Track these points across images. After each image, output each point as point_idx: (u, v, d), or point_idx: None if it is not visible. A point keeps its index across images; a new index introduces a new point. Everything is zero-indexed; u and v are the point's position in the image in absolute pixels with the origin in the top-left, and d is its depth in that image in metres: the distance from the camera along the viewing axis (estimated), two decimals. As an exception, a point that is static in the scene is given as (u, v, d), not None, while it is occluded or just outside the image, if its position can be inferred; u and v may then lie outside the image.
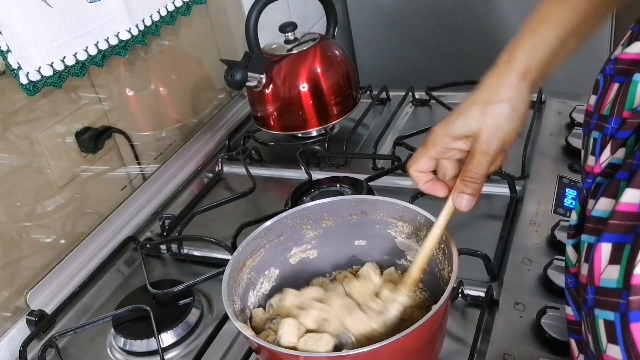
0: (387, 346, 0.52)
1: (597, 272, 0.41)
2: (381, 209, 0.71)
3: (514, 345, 0.67)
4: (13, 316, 0.84)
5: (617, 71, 0.46)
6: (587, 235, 0.44)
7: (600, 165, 0.45)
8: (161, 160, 1.13)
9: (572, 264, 0.49)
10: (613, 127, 0.45)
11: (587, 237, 0.44)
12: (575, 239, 0.49)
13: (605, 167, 0.44)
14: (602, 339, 0.40)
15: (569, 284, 0.50)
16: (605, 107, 0.47)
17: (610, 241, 0.40)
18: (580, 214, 0.48)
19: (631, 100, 0.44)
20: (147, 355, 0.77)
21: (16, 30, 0.80)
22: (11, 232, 0.85)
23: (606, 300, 0.40)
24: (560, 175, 0.94)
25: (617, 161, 0.44)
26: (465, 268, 0.63)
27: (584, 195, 0.47)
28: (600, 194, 0.43)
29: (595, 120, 0.48)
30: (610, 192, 0.42)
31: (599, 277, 0.41)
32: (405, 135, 1.07)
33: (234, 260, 0.66)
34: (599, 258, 0.41)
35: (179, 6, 1.10)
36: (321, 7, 1.16)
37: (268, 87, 1.09)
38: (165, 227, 0.98)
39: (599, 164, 0.45)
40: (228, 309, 0.60)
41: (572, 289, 0.49)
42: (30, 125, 0.87)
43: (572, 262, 0.49)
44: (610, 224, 0.40)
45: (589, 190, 0.46)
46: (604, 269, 0.40)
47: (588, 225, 0.44)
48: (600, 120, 0.47)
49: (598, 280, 0.41)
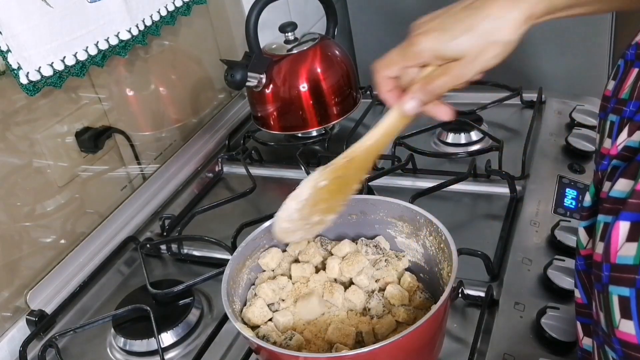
0: (387, 346, 0.52)
1: (613, 249, 0.41)
2: (381, 208, 0.71)
3: (514, 345, 0.67)
4: (13, 316, 0.84)
5: (637, 56, 0.46)
6: (604, 215, 0.44)
7: (617, 147, 0.44)
8: (161, 160, 1.13)
9: (582, 246, 0.49)
10: (632, 110, 0.45)
11: (604, 217, 0.44)
12: (587, 220, 0.48)
13: (621, 150, 0.44)
14: (616, 315, 0.40)
15: (579, 266, 0.50)
16: (624, 91, 0.46)
17: (629, 219, 0.40)
18: (594, 196, 0.47)
19: None
20: (147, 355, 0.77)
21: (16, 30, 0.80)
22: (11, 232, 0.85)
23: (621, 276, 0.40)
24: (560, 175, 0.94)
25: (634, 144, 0.43)
26: (465, 268, 0.63)
27: (599, 177, 0.46)
28: (618, 175, 0.43)
29: (612, 104, 0.47)
30: (629, 174, 0.42)
31: (615, 254, 0.41)
32: (405, 135, 1.07)
33: (234, 260, 0.66)
34: (616, 236, 0.41)
35: (179, 6, 1.10)
36: (321, 7, 1.16)
37: (268, 87, 1.09)
38: (165, 227, 0.98)
39: (615, 146, 0.45)
40: (227, 309, 0.60)
41: (581, 271, 0.49)
42: (30, 125, 0.87)
43: (583, 244, 0.49)
44: (629, 202, 0.40)
45: (604, 172, 0.46)
46: (620, 247, 0.40)
47: (605, 206, 0.44)
48: (618, 104, 0.46)
49: (614, 257, 0.41)
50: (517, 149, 0.98)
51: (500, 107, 1.13)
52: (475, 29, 0.53)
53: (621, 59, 0.49)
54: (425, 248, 0.69)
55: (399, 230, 0.71)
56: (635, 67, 0.46)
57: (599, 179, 0.46)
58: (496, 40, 0.53)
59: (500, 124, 1.12)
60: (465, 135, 1.07)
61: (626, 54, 0.48)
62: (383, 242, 0.71)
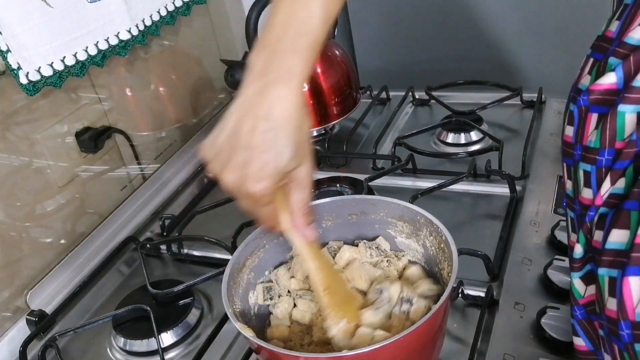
0: (387, 346, 0.52)
1: (629, 307, 0.41)
2: (381, 208, 0.71)
3: (514, 345, 0.67)
4: (13, 316, 0.84)
5: (592, 102, 0.46)
6: (606, 268, 0.43)
7: (602, 197, 0.45)
8: (161, 160, 1.13)
9: (580, 296, 0.49)
10: (607, 158, 0.45)
11: (607, 271, 0.43)
12: (581, 271, 0.49)
13: (607, 198, 0.44)
14: None
15: (578, 316, 0.49)
16: (587, 139, 0.47)
17: (638, 274, 0.40)
18: (585, 246, 0.47)
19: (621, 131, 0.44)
20: (147, 355, 0.77)
21: (16, 30, 0.80)
22: (11, 232, 0.85)
23: None
24: (560, 175, 0.94)
25: (618, 191, 0.44)
26: (465, 268, 0.63)
27: (588, 227, 0.46)
28: (608, 225, 0.44)
29: (579, 151, 0.48)
30: (621, 223, 0.42)
31: (632, 312, 0.41)
32: (405, 135, 1.07)
33: (234, 260, 0.66)
34: (628, 292, 0.41)
35: (179, 6, 1.10)
36: (321, 7, 1.16)
37: (268, 87, 1.09)
38: (165, 227, 0.98)
39: (600, 196, 0.45)
40: (228, 310, 0.60)
41: (582, 320, 0.49)
42: (30, 126, 0.87)
43: (581, 294, 0.49)
44: (634, 257, 0.40)
45: (592, 223, 0.46)
46: (637, 303, 0.40)
47: (605, 259, 0.43)
48: (586, 152, 0.47)
49: (632, 315, 0.41)
50: (517, 149, 0.98)
51: (500, 107, 1.13)
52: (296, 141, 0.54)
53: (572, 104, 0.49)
54: (426, 248, 0.69)
55: (399, 230, 0.71)
56: (592, 112, 0.46)
57: (588, 229, 0.46)
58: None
59: (500, 124, 1.12)
60: (465, 135, 1.07)
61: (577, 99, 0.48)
62: (383, 243, 0.71)
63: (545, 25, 1.48)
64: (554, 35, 1.48)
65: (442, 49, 1.63)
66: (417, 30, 1.62)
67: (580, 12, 1.44)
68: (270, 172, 0.53)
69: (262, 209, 0.58)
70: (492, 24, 1.55)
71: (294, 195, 0.58)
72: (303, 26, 0.53)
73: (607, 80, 0.45)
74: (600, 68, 0.48)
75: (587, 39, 1.47)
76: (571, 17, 1.45)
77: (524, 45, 1.53)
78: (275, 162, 0.53)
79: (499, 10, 1.51)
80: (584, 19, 1.44)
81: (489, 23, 1.55)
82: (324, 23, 0.53)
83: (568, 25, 1.46)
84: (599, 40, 0.49)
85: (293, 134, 0.53)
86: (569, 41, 1.48)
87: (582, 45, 1.73)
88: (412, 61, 1.67)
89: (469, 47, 1.60)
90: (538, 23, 1.49)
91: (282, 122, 0.53)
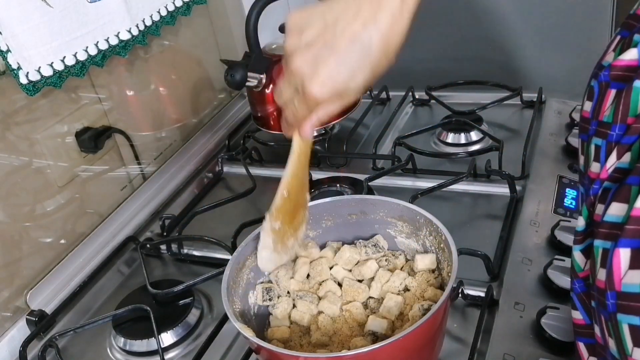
0: (387, 346, 0.52)
1: (617, 277, 0.41)
2: (381, 208, 0.71)
3: (514, 345, 0.67)
4: (13, 316, 0.84)
5: (612, 77, 0.46)
6: (601, 240, 0.44)
7: (607, 171, 0.45)
8: (161, 160, 1.13)
9: (580, 269, 0.49)
10: (618, 133, 0.45)
11: (602, 242, 0.44)
12: (582, 244, 0.49)
13: (612, 172, 0.45)
14: (628, 343, 0.41)
15: (577, 289, 0.50)
16: (603, 114, 0.47)
17: (629, 246, 0.41)
18: (588, 219, 0.48)
19: (634, 106, 0.44)
20: (147, 355, 0.77)
21: (16, 30, 0.80)
22: (11, 232, 0.85)
23: (629, 305, 0.40)
24: (560, 175, 0.94)
25: (623, 165, 0.44)
26: (465, 268, 0.63)
27: (592, 200, 0.47)
28: (610, 198, 0.44)
29: (594, 126, 0.48)
30: (621, 197, 0.43)
31: (619, 282, 0.41)
32: (405, 135, 1.07)
33: (234, 260, 0.66)
34: (617, 263, 0.41)
35: (179, 6, 1.10)
36: (321, 7, 1.16)
37: (268, 87, 1.09)
38: (165, 227, 0.98)
39: (605, 169, 0.45)
40: (228, 310, 0.60)
41: (580, 293, 0.49)
42: (30, 125, 0.87)
43: (581, 266, 0.49)
44: (627, 229, 0.41)
45: (596, 196, 0.46)
46: (624, 274, 0.41)
47: (601, 231, 0.44)
48: (600, 127, 0.47)
49: (619, 285, 0.41)
50: (517, 149, 0.98)
51: (500, 107, 1.13)
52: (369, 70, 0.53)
53: (594, 80, 0.49)
54: (425, 248, 0.69)
55: (399, 230, 0.71)
56: (612, 88, 0.46)
57: (592, 202, 0.47)
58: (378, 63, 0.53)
59: (500, 124, 1.12)
60: (465, 135, 1.07)
61: (599, 75, 0.48)
62: (382, 240, 0.71)
63: (545, 25, 1.48)
64: (554, 35, 1.48)
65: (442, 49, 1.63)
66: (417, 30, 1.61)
67: (580, 12, 1.43)
68: (336, 86, 0.53)
69: (298, 107, 0.57)
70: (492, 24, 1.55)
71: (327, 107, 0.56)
72: None
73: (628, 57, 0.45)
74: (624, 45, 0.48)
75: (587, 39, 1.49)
76: (571, 17, 1.45)
77: (524, 45, 1.52)
78: (345, 80, 0.53)
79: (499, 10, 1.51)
80: (584, 19, 1.44)
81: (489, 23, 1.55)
82: None
83: (568, 25, 1.46)
84: (628, 18, 0.49)
85: (377, 61, 0.52)
86: (569, 41, 1.47)
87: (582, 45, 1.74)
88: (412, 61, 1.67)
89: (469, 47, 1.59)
90: (538, 23, 1.49)
91: (376, 44, 0.51)
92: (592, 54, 1.58)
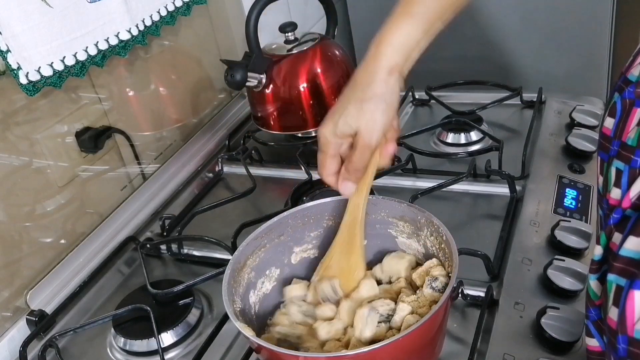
0: (387, 346, 0.52)
1: (629, 321, 0.39)
2: (382, 208, 0.71)
3: (514, 345, 0.67)
4: (13, 316, 0.84)
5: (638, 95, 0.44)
6: (616, 275, 0.42)
7: (630, 200, 0.43)
8: (161, 160, 1.13)
9: (596, 297, 0.47)
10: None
11: (616, 278, 0.42)
12: (598, 273, 0.47)
13: (635, 200, 0.42)
14: None
15: (593, 316, 0.48)
16: (627, 135, 0.44)
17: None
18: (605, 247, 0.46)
19: None
20: (147, 355, 0.77)
21: (16, 30, 0.79)
22: (11, 232, 0.85)
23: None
24: (560, 175, 0.94)
25: None
26: (465, 268, 0.63)
27: (611, 229, 0.44)
28: (628, 230, 0.42)
29: (615, 147, 0.45)
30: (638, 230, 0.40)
31: (632, 327, 0.39)
32: (405, 135, 1.07)
33: (235, 259, 0.66)
34: (631, 306, 0.39)
35: (179, 6, 1.10)
36: (321, 7, 1.16)
37: (268, 87, 1.09)
38: (165, 227, 0.98)
39: (628, 197, 0.43)
40: (228, 309, 0.60)
41: (597, 321, 0.48)
42: (30, 125, 0.87)
43: (597, 294, 0.47)
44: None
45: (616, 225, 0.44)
46: (638, 319, 0.39)
47: (616, 265, 0.42)
48: (623, 149, 0.44)
49: (631, 330, 0.39)
50: (517, 149, 0.98)
51: (500, 107, 1.13)
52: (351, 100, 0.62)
53: (617, 94, 0.47)
54: (426, 248, 0.69)
55: (400, 230, 0.71)
56: (637, 106, 0.44)
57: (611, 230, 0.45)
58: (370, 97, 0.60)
59: (500, 124, 1.12)
60: (465, 135, 1.07)
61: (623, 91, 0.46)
62: None
63: (545, 25, 1.48)
64: (554, 35, 1.48)
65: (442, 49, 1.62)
66: (417, 31, 1.61)
67: (580, 13, 1.44)
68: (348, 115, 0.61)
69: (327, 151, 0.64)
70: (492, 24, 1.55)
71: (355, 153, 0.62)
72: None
73: None
74: None
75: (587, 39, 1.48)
76: (571, 17, 1.45)
77: (524, 45, 1.53)
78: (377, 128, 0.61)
79: (498, 10, 1.51)
80: (584, 19, 1.44)
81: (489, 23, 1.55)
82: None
83: (568, 25, 1.46)
84: None
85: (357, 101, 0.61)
86: (569, 41, 1.48)
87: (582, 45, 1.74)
88: (412, 61, 1.67)
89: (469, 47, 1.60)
90: (538, 23, 1.49)
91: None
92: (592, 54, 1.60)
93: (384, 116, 0.60)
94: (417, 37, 0.61)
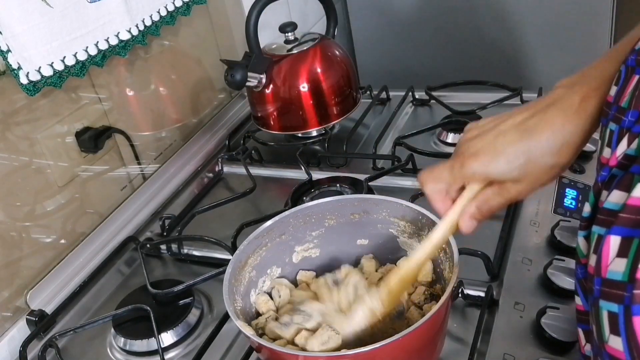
0: (387, 346, 0.52)
1: (604, 263, 0.41)
2: (383, 208, 0.71)
3: (514, 345, 0.67)
4: (13, 316, 0.84)
5: (638, 62, 0.45)
6: (598, 226, 0.44)
7: (617, 158, 0.44)
8: (161, 160, 1.13)
9: (582, 255, 0.49)
10: (630, 120, 0.44)
11: (598, 229, 0.44)
12: (586, 230, 0.48)
13: (621, 159, 0.44)
14: (605, 330, 0.41)
15: (579, 274, 0.50)
16: (624, 99, 0.46)
17: (620, 234, 0.40)
18: (594, 206, 0.47)
19: None
20: (147, 355, 0.77)
21: (16, 30, 0.79)
22: (11, 232, 0.85)
23: (611, 292, 0.40)
24: (560, 175, 0.93)
25: (631, 152, 0.43)
26: (465, 268, 0.63)
27: (599, 187, 0.46)
28: (613, 186, 0.43)
29: (613, 111, 0.47)
30: (623, 185, 0.42)
31: (605, 268, 0.41)
32: (405, 135, 1.07)
33: (236, 258, 0.66)
34: (607, 250, 0.41)
35: (179, 6, 1.10)
36: (321, 7, 1.16)
37: (268, 87, 1.09)
38: (165, 227, 0.98)
39: (615, 156, 0.44)
40: (229, 307, 0.60)
41: (582, 279, 0.50)
42: (30, 125, 0.87)
43: (583, 252, 0.49)
44: (621, 217, 0.40)
45: (603, 183, 0.46)
46: (611, 261, 0.41)
47: (599, 217, 0.44)
48: (618, 112, 0.46)
49: (605, 271, 0.41)
50: (517, 149, 0.98)
51: (500, 107, 1.13)
52: (528, 155, 0.53)
53: (623, 65, 0.48)
54: (426, 248, 0.69)
55: (401, 230, 0.71)
56: (636, 73, 0.45)
57: (599, 188, 0.46)
58: (553, 165, 0.54)
59: (500, 124, 1.11)
60: (465, 135, 1.07)
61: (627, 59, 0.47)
62: None
63: (545, 25, 1.49)
64: (554, 35, 1.49)
65: (442, 49, 1.63)
66: (417, 30, 1.62)
67: (580, 13, 1.44)
68: (481, 170, 0.55)
69: (454, 183, 0.58)
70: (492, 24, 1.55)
71: (488, 197, 0.57)
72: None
73: None
74: None
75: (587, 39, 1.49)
76: (571, 17, 1.45)
77: (524, 45, 1.53)
78: (486, 164, 0.54)
79: (498, 10, 1.51)
80: (584, 19, 1.44)
81: (490, 23, 1.55)
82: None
83: (568, 25, 1.46)
84: None
85: (538, 152, 0.52)
86: (569, 41, 1.48)
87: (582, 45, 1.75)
88: (412, 61, 1.67)
89: (469, 47, 1.60)
90: (538, 23, 1.49)
91: (539, 132, 0.52)
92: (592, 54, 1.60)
93: (550, 181, 0.56)
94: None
